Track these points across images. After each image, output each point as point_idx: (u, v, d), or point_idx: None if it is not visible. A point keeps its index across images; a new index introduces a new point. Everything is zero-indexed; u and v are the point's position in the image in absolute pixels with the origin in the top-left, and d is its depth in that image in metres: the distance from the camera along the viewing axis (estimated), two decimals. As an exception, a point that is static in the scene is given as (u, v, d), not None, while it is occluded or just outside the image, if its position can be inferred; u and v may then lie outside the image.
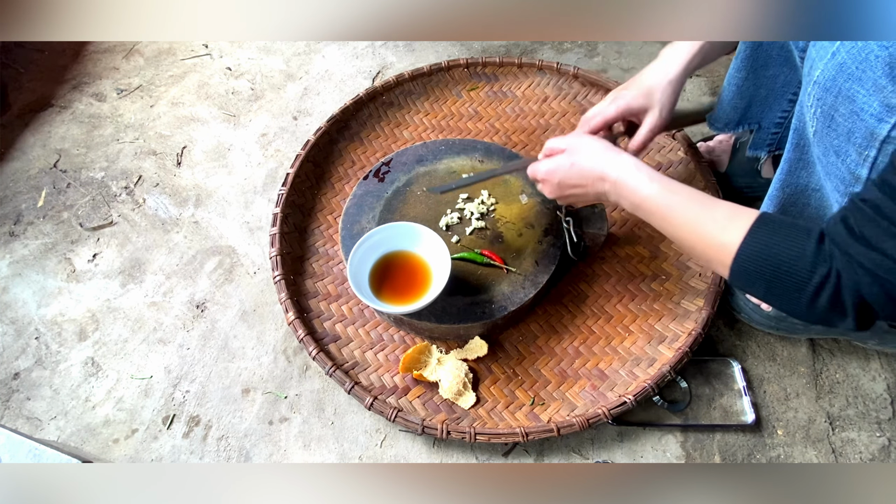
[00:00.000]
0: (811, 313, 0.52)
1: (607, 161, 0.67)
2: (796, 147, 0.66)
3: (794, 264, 0.51)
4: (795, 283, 0.51)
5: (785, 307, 0.55)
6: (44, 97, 1.20)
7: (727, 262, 0.56)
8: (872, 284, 0.47)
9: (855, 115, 0.52)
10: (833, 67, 0.53)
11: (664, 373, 0.78)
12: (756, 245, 0.54)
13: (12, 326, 0.92)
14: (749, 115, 0.84)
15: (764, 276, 0.53)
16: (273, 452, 0.80)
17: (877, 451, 0.77)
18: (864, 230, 0.47)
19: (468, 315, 0.80)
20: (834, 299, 0.50)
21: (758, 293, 0.56)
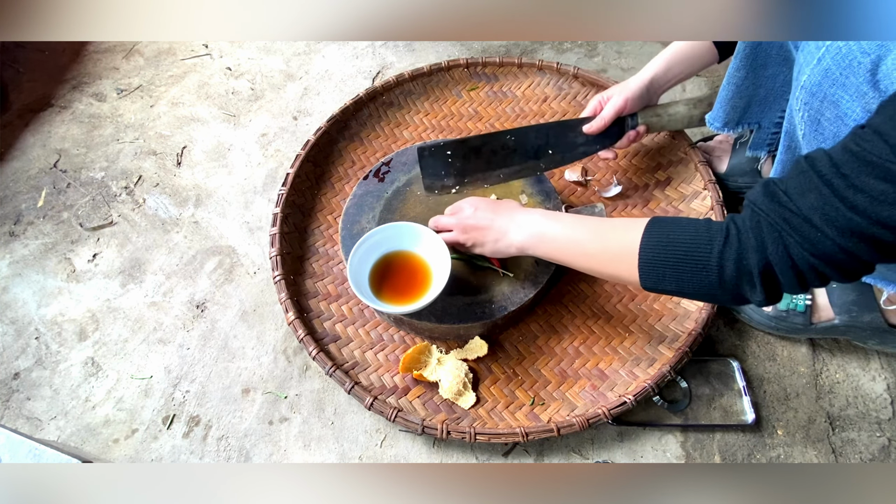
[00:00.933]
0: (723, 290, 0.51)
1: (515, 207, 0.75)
2: (788, 149, 0.67)
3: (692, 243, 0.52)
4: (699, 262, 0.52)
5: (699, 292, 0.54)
6: (44, 97, 1.20)
7: (633, 262, 0.57)
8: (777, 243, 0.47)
9: (839, 120, 0.53)
10: (819, 73, 0.54)
11: (664, 373, 0.78)
12: (654, 237, 0.56)
13: (12, 326, 0.92)
14: (748, 115, 0.84)
15: (668, 265, 0.54)
16: (273, 452, 0.80)
17: (877, 451, 0.77)
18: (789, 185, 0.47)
19: (468, 315, 0.80)
20: (739, 266, 0.49)
21: (670, 286, 0.55)
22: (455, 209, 0.79)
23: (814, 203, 0.45)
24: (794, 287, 0.49)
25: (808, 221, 0.45)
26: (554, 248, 0.67)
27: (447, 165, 0.86)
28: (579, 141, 0.86)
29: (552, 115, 1.08)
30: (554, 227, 0.67)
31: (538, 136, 0.86)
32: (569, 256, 0.66)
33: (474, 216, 0.75)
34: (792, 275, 0.47)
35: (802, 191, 0.46)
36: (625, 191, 0.98)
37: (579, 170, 1.00)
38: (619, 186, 0.97)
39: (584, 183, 1.00)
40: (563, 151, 0.86)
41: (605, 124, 0.84)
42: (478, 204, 0.77)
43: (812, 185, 0.45)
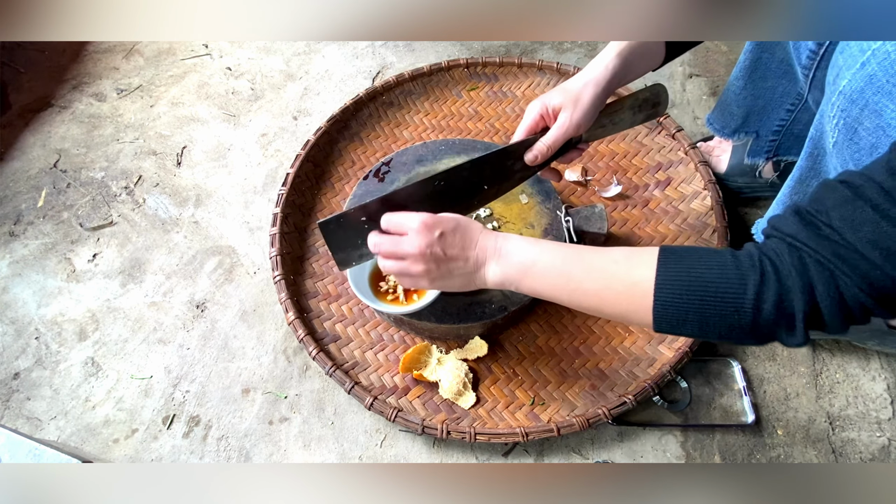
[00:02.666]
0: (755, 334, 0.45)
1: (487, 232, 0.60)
2: (810, 156, 0.63)
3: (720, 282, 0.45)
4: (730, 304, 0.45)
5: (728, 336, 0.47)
6: (44, 97, 1.20)
7: (646, 304, 0.48)
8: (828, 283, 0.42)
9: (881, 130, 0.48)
10: (862, 79, 0.49)
11: (664, 373, 0.78)
12: (673, 273, 0.47)
13: (12, 326, 0.92)
14: (747, 125, 0.85)
15: (692, 307, 0.46)
16: (273, 452, 0.80)
17: (877, 451, 0.77)
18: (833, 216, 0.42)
19: (468, 315, 0.80)
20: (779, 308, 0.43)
21: (691, 329, 0.48)
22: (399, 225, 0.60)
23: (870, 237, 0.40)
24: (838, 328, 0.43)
25: (865, 258, 0.40)
26: (544, 284, 0.56)
27: (362, 233, 0.65)
28: (516, 168, 0.71)
29: (552, 115, 1.08)
30: (545, 257, 0.55)
31: (471, 174, 0.69)
32: (562, 293, 0.55)
33: (441, 242, 0.58)
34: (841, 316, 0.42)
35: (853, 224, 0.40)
36: (625, 191, 0.98)
37: (579, 170, 1.00)
38: (619, 186, 0.97)
39: (583, 183, 1.00)
40: (498, 183, 0.72)
41: (550, 154, 0.68)
42: (441, 225, 0.59)
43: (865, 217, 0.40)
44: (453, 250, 0.58)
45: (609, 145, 1.04)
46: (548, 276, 0.55)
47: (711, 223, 0.92)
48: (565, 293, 0.55)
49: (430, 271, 0.59)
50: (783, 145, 0.85)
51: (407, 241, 0.59)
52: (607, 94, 0.66)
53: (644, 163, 1.01)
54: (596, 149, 1.03)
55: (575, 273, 0.54)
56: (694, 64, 1.19)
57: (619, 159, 1.02)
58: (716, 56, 1.20)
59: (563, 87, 0.66)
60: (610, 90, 0.66)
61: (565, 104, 0.64)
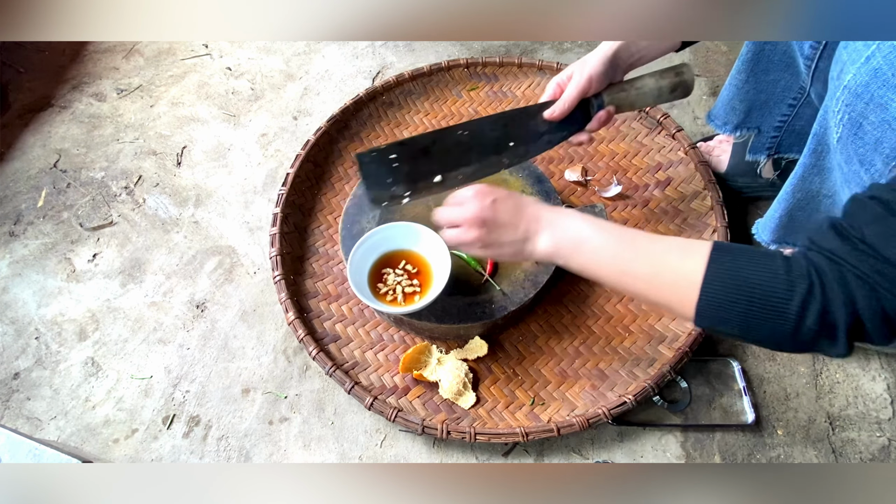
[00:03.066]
0: (797, 341, 0.46)
1: (541, 204, 0.62)
2: (814, 152, 0.63)
3: (768, 286, 0.45)
4: (774, 308, 0.45)
5: (767, 340, 0.48)
6: (44, 97, 1.20)
7: (691, 297, 0.49)
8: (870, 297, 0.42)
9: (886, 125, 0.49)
10: (867, 73, 0.49)
11: (664, 373, 0.78)
12: (722, 271, 0.48)
13: (12, 326, 0.92)
14: (749, 120, 0.84)
15: (737, 307, 0.47)
16: (273, 452, 0.80)
17: (877, 451, 0.77)
18: (867, 232, 0.43)
19: (468, 315, 0.80)
20: (822, 319, 0.44)
21: (732, 328, 0.48)
22: (461, 198, 0.65)
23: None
24: (884, 339, 0.44)
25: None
26: (594, 262, 0.56)
27: (393, 171, 0.71)
28: (542, 129, 0.74)
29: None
30: (597, 237, 0.56)
31: (494, 128, 0.74)
32: (610, 275, 0.56)
33: (492, 209, 0.61)
34: (885, 328, 0.43)
35: (887, 239, 0.41)
36: (625, 191, 0.98)
37: (579, 169, 1.00)
38: (619, 186, 0.97)
39: (583, 183, 1.00)
40: (525, 143, 0.75)
41: (569, 107, 0.71)
42: (495, 193, 0.62)
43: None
44: (504, 216, 0.61)
45: (609, 145, 1.04)
46: (600, 254, 0.56)
47: (711, 223, 0.92)
48: (614, 274, 0.55)
49: (482, 237, 0.61)
50: (784, 142, 0.85)
51: (462, 209, 0.63)
52: (616, 59, 0.70)
53: (644, 163, 1.01)
54: (596, 149, 1.03)
55: (627, 256, 0.54)
56: (694, 64, 1.19)
57: (619, 159, 1.02)
58: (716, 56, 1.20)
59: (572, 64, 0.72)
60: (619, 57, 0.70)
61: (575, 69, 0.70)
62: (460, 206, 0.64)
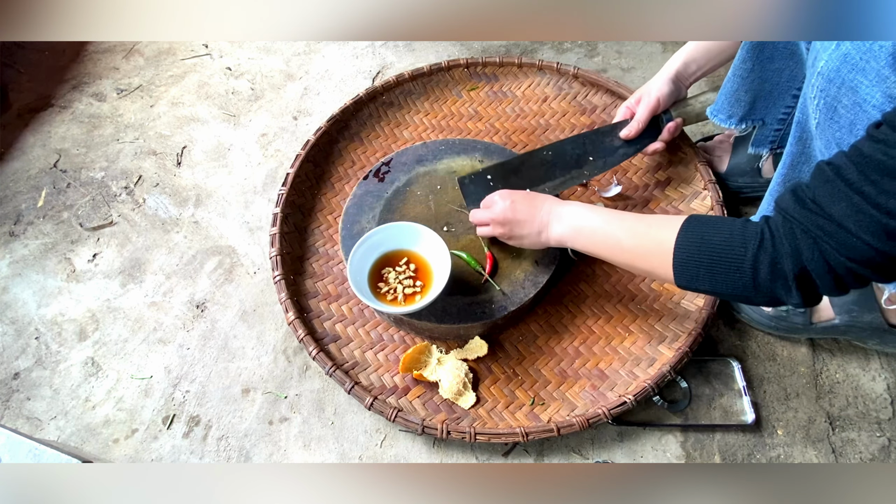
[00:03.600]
0: (758, 292, 0.52)
1: (544, 197, 0.75)
2: (798, 140, 0.66)
3: (726, 245, 0.53)
4: (733, 263, 0.52)
5: (732, 293, 0.55)
6: (44, 97, 1.20)
7: (669, 261, 0.58)
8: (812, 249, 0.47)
9: (857, 107, 0.52)
10: (837, 58, 0.53)
11: (664, 373, 0.78)
12: (689, 236, 0.56)
13: (12, 326, 0.92)
14: (753, 112, 0.83)
15: (702, 265, 0.55)
16: (273, 452, 0.80)
17: (877, 451, 0.77)
18: (817, 193, 0.47)
19: (468, 315, 0.80)
20: (773, 270, 0.50)
21: (704, 286, 0.56)
22: (489, 202, 0.78)
23: (845, 210, 0.45)
24: (833, 290, 0.49)
25: (843, 227, 0.45)
26: (592, 242, 0.68)
27: (489, 190, 0.84)
28: (618, 144, 0.87)
29: (552, 114, 1.08)
30: (594, 220, 0.68)
31: (575, 147, 0.86)
32: (605, 250, 0.67)
33: (513, 209, 0.74)
34: (830, 279, 0.48)
35: (833, 199, 0.46)
36: (625, 191, 0.98)
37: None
38: (619, 186, 0.97)
39: (584, 183, 1.00)
40: (604, 157, 0.87)
41: (643, 126, 0.85)
42: (514, 196, 0.76)
43: (842, 194, 0.45)
44: (522, 214, 0.74)
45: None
46: (597, 234, 0.67)
47: (711, 223, 0.92)
48: (608, 248, 0.66)
49: (506, 232, 0.76)
50: (787, 136, 0.85)
51: (489, 211, 0.77)
52: (680, 77, 0.84)
53: (644, 163, 1.01)
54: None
55: (616, 232, 0.65)
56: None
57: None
58: (716, 56, 1.19)
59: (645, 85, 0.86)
60: (683, 74, 0.84)
61: (643, 93, 0.85)
62: (488, 208, 0.78)
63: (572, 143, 0.87)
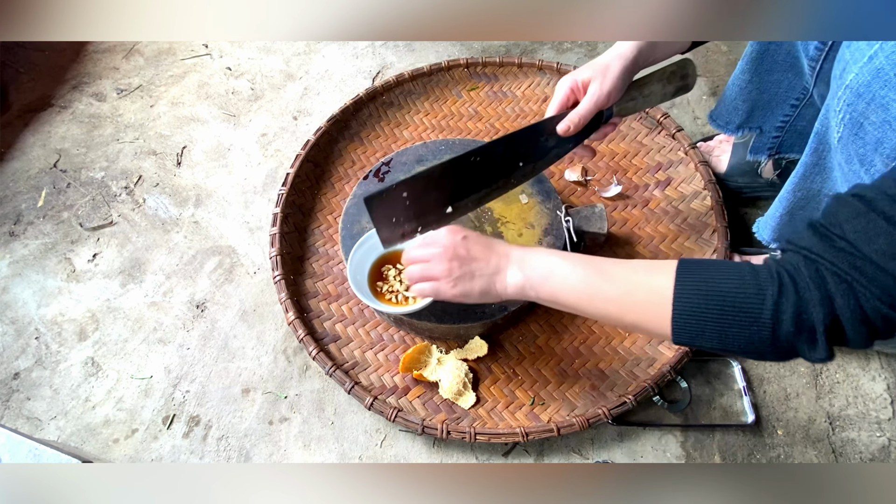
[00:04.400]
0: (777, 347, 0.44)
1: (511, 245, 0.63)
2: (815, 151, 0.63)
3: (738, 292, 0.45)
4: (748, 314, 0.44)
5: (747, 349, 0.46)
6: (44, 97, 1.20)
7: (665, 313, 0.48)
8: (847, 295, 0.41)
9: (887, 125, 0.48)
10: (869, 72, 0.49)
11: (664, 373, 0.78)
12: (691, 283, 0.48)
13: (12, 326, 0.92)
14: (751, 120, 0.84)
15: (710, 317, 0.46)
16: (273, 452, 0.80)
17: (877, 451, 0.77)
18: (847, 229, 0.41)
19: (468, 315, 0.80)
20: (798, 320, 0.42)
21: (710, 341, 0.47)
22: (431, 238, 0.65)
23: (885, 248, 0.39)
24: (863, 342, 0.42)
25: (883, 270, 0.40)
26: (562, 290, 0.57)
27: (404, 210, 0.69)
28: (550, 144, 0.73)
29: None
30: (564, 265, 0.57)
31: (506, 150, 0.72)
32: (580, 300, 0.56)
33: (464, 244, 0.62)
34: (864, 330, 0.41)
35: (868, 236, 0.40)
36: (625, 191, 0.98)
37: (579, 170, 1.00)
38: (619, 186, 0.97)
39: (584, 183, 1.00)
40: (534, 160, 0.74)
41: (582, 124, 0.69)
42: (467, 233, 0.64)
43: (879, 229, 0.40)
44: (475, 251, 0.62)
45: (609, 145, 1.04)
46: (569, 281, 0.56)
47: (711, 223, 0.92)
48: (584, 299, 0.55)
49: (451, 270, 0.61)
50: (786, 142, 0.85)
51: (433, 247, 0.63)
52: (635, 67, 0.68)
53: (644, 163, 1.01)
54: (596, 149, 1.03)
55: (595, 280, 0.54)
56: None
57: (619, 159, 1.02)
58: (716, 56, 1.20)
59: (590, 63, 0.68)
60: (637, 65, 0.68)
61: (594, 76, 0.66)
62: (431, 244, 0.64)
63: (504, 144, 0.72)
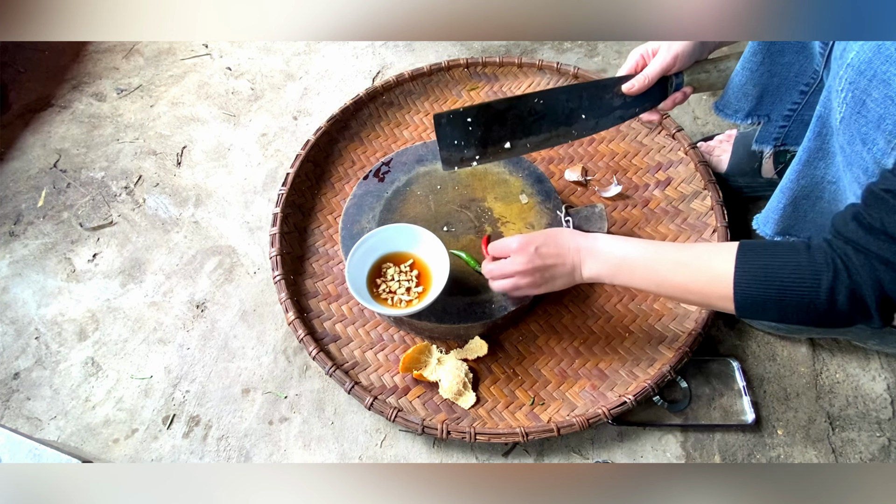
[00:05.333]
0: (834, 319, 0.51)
1: (575, 234, 0.69)
2: (818, 136, 0.64)
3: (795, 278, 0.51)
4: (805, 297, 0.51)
5: (804, 320, 0.53)
6: (44, 97, 1.20)
7: (728, 295, 0.55)
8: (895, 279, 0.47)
9: (889, 100, 0.50)
10: (870, 49, 0.51)
11: (664, 373, 0.78)
12: (750, 270, 0.54)
13: (12, 326, 0.92)
14: (760, 107, 0.82)
15: (771, 299, 0.53)
16: (273, 452, 0.80)
17: (877, 451, 0.77)
18: (887, 222, 0.47)
19: (468, 315, 0.80)
20: (853, 300, 0.49)
21: (772, 316, 0.55)
22: (502, 250, 0.72)
23: None
24: None
25: None
26: (633, 280, 0.64)
27: (467, 135, 0.76)
28: (616, 104, 0.77)
29: (552, 115, 1.08)
30: (632, 254, 0.64)
31: (570, 99, 0.76)
32: (649, 287, 0.64)
33: (539, 255, 0.69)
34: None
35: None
36: (625, 191, 0.98)
37: (579, 169, 1.00)
38: (619, 186, 0.97)
39: (584, 183, 1.00)
40: (597, 116, 0.77)
41: (650, 84, 0.74)
42: (533, 241, 0.70)
43: None
44: (550, 259, 0.68)
45: (609, 145, 1.04)
46: (637, 270, 0.63)
47: (711, 223, 0.92)
48: (653, 285, 0.63)
49: (535, 281, 0.70)
50: (791, 133, 0.83)
51: (510, 263, 0.70)
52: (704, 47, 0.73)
53: (644, 163, 1.01)
54: (596, 149, 1.03)
55: (661, 268, 0.62)
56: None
57: (619, 159, 1.02)
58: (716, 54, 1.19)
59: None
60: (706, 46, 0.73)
61: (662, 44, 0.72)
62: (508, 260, 0.71)
63: (567, 93, 0.76)
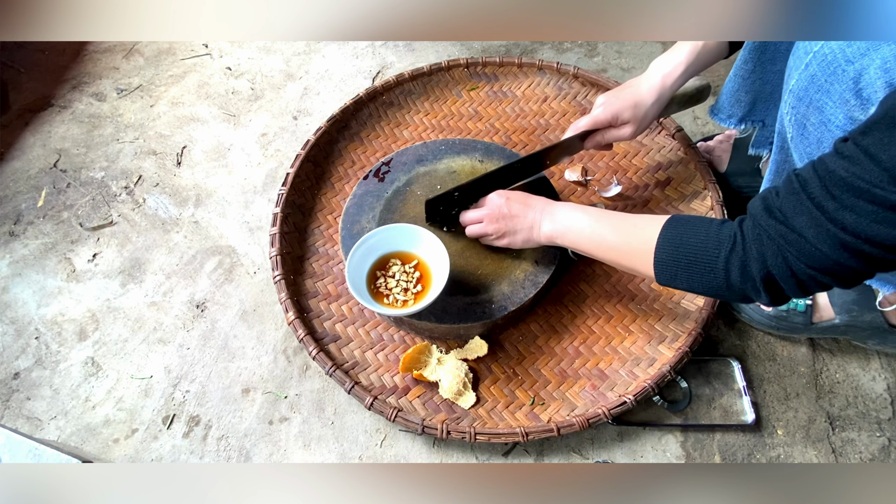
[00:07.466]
0: (730, 291, 0.55)
1: (544, 199, 0.77)
2: (780, 149, 0.68)
3: (702, 246, 0.56)
4: (707, 264, 0.55)
5: (707, 290, 0.58)
6: (44, 97, 1.20)
7: (650, 260, 0.60)
8: (777, 255, 0.50)
9: (823, 126, 0.55)
10: (806, 78, 0.56)
11: (664, 373, 0.78)
12: (669, 237, 0.59)
13: (12, 326, 0.92)
14: (754, 112, 0.83)
15: (680, 265, 0.58)
16: (273, 452, 0.80)
17: (877, 451, 0.77)
18: (784, 203, 0.50)
19: (468, 315, 0.80)
20: (743, 272, 0.53)
21: (682, 284, 0.59)
22: (483, 201, 0.81)
23: (806, 223, 0.47)
24: (797, 293, 0.52)
25: (804, 238, 0.48)
26: (580, 239, 0.70)
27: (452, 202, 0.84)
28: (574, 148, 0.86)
29: (552, 114, 1.08)
30: (582, 219, 0.70)
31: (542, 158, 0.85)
32: (592, 248, 0.69)
33: (507, 206, 0.77)
34: (793, 283, 0.51)
35: (795, 211, 0.48)
36: (625, 191, 0.98)
37: (579, 170, 1.00)
38: (619, 186, 0.97)
39: (584, 183, 1.00)
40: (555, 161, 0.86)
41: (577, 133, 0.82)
42: (509, 195, 0.78)
43: (804, 208, 0.48)
44: (515, 210, 0.76)
45: (609, 145, 1.04)
46: (584, 233, 0.70)
47: (711, 223, 0.92)
48: (594, 246, 0.69)
49: (499, 229, 0.77)
50: None
51: (484, 209, 0.80)
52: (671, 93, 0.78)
53: (644, 163, 1.01)
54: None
55: (602, 231, 0.68)
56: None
57: (619, 159, 1.02)
58: (716, 56, 1.19)
59: (635, 97, 0.77)
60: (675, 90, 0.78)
61: (633, 120, 0.78)
62: (482, 206, 0.80)
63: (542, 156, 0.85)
